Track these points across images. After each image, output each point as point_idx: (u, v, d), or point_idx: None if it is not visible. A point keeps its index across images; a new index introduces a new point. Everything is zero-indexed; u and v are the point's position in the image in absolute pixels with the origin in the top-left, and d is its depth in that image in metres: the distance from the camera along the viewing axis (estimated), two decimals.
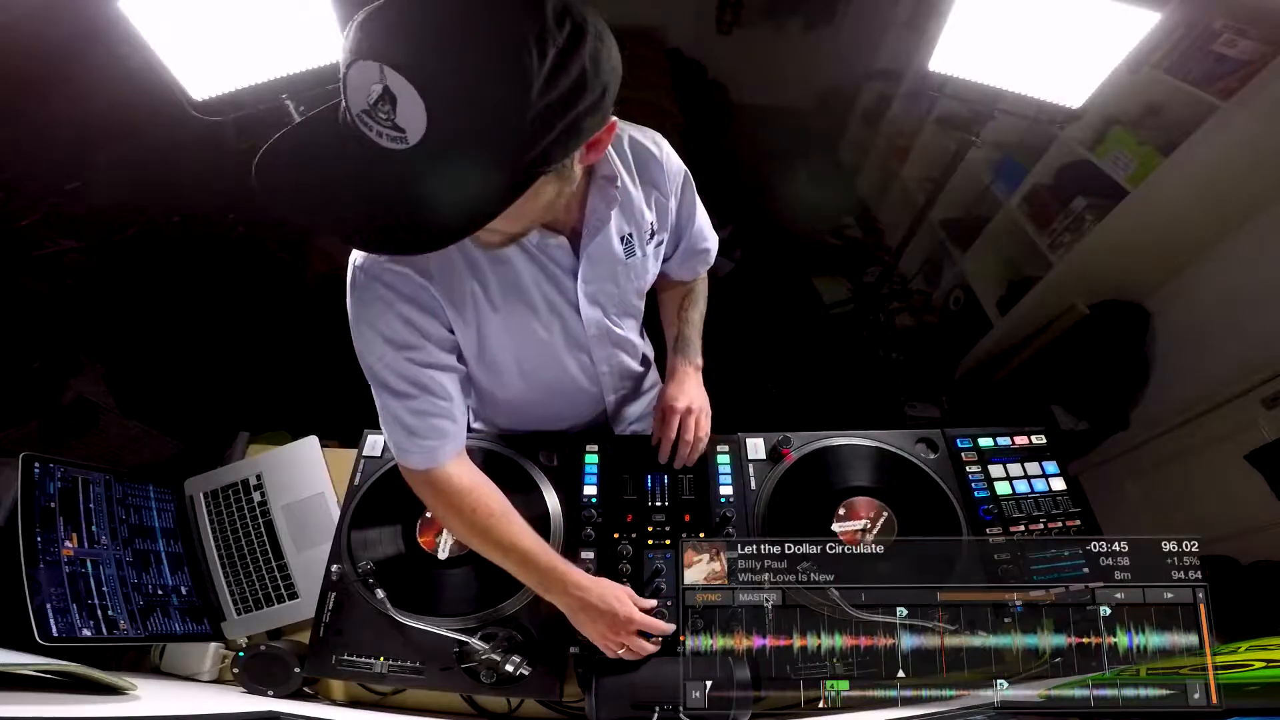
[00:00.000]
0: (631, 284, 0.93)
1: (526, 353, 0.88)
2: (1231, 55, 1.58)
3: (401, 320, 0.74)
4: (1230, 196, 1.67)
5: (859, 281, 2.95)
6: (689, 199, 0.94)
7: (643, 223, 0.87)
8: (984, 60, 1.62)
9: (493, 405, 1.03)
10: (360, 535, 0.95)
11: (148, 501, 1.03)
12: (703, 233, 1.01)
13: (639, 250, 0.88)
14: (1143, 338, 1.92)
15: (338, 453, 1.13)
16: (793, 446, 1.02)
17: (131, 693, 0.78)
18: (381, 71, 0.47)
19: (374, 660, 0.86)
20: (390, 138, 0.49)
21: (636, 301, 0.99)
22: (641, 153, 0.85)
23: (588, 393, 1.02)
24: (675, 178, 0.89)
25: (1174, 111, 1.75)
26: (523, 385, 0.93)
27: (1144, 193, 1.77)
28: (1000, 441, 1.03)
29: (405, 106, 0.48)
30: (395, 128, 0.49)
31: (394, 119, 0.48)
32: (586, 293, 0.85)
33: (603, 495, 0.98)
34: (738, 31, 3.34)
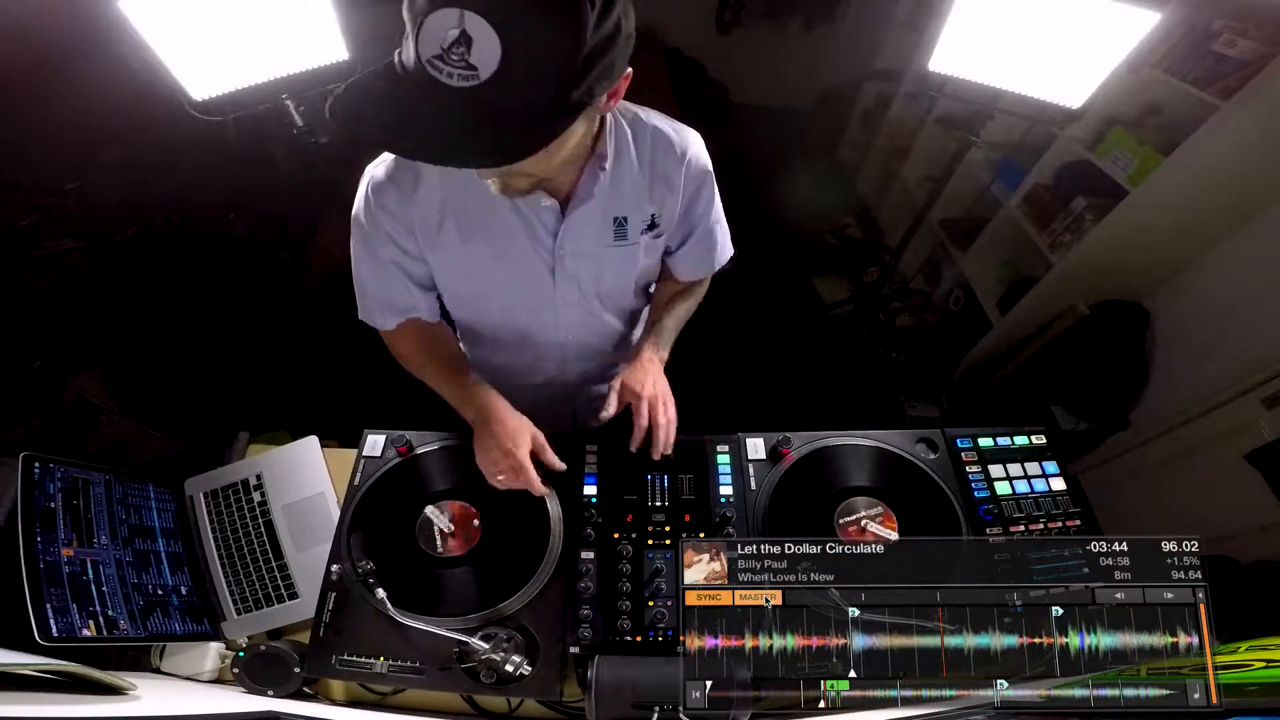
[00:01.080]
0: (618, 268, 0.95)
1: (486, 289, 0.97)
2: (1231, 55, 1.58)
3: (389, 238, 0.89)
4: (1230, 196, 1.67)
5: (859, 281, 2.95)
6: (703, 199, 0.94)
7: (640, 210, 0.89)
8: (984, 60, 1.62)
9: (470, 338, 1.12)
10: (360, 535, 0.95)
11: (148, 501, 1.03)
12: (712, 236, 1.01)
13: (631, 236, 0.90)
14: (1143, 338, 1.92)
15: (338, 453, 1.13)
16: (793, 446, 1.02)
17: (131, 693, 0.78)
18: (461, 16, 0.53)
19: (374, 660, 0.86)
20: (461, 76, 0.56)
21: (623, 288, 1.01)
22: (661, 143, 0.87)
23: (550, 352, 1.08)
24: (694, 176, 0.90)
25: (1174, 111, 1.75)
26: (484, 319, 1.04)
27: (1144, 193, 1.77)
28: (1000, 441, 1.03)
29: (481, 46, 0.54)
30: (468, 66, 0.55)
31: (467, 59, 0.55)
32: (564, 261, 0.90)
33: (603, 495, 0.98)
34: (737, 31, 3.34)
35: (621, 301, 1.05)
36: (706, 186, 0.93)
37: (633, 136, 0.86)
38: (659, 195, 0.89)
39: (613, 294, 1.02)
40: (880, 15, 3.08)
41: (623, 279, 1.00)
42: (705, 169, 0.91)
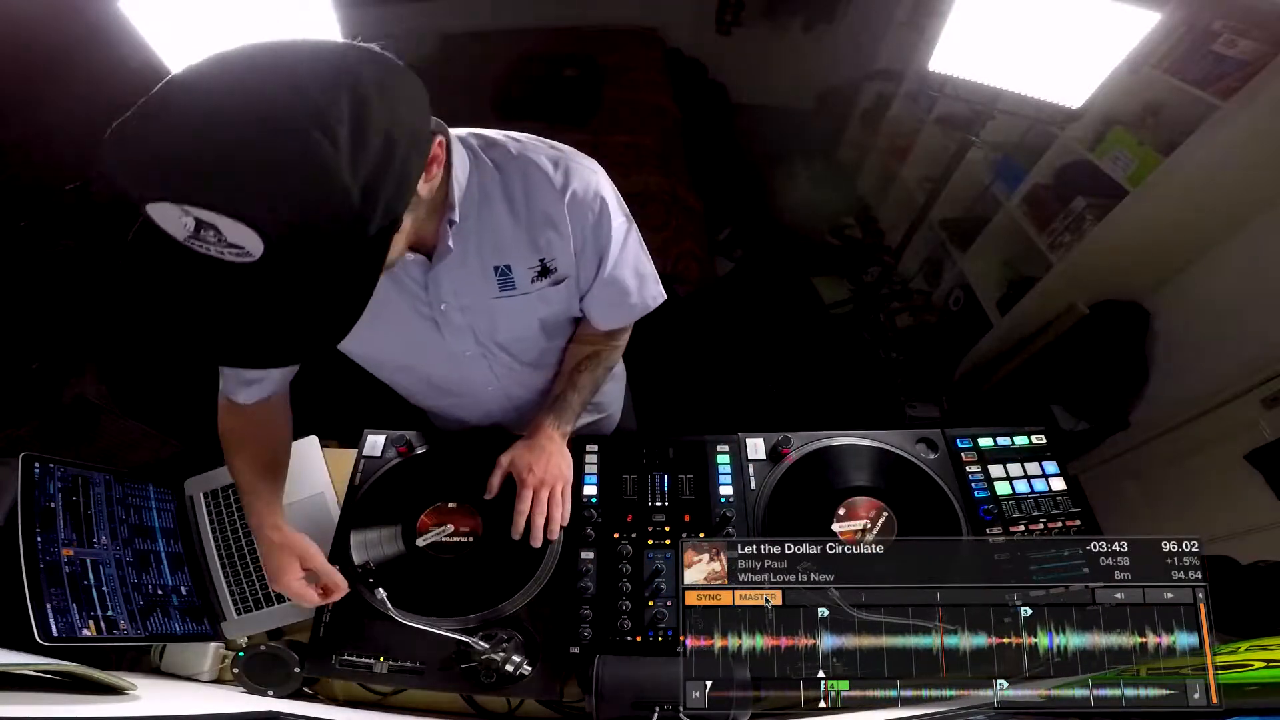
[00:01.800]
0: (512, 319, 0.87)
1: (376, 350, 0.92)
2: (1231, 55, 1.58)
3: None
4: (1230, 196, 1.67)
5: (859, 281, 2.95)
6: (600, 238, 0.82)
7: (525, 258, 0.80)
8: (984, 60, 1.62)
9: (404, 392, 1.06)
10: (360, 535, 0.95)
11: (148, 501, 1.03)
12: (620, 282, 0.87)
13: (520, 286, 0.82)
14: (1143, 338, 1.92)
15: (338, 453, 1.13)
16: (793, 446, 1.02)
17: (131, 693, 0.78)
18: (183, 210, 0.44)
19: (374, 660, 0.86)
20: (233, 254, 0.47)
21: (526, 337, 0.92)
22: (536, 181, 0.76)
23: (482, 403, 1.04)
24: (580, 212, 0.78)
25: (1174, 111, 1.75)
26: (392, 377, 1.00)
27: (1144, 193, 1.77)
28: (1000, 441, 1.03)
29: (229, 230, 0.45)
30: (232, 246, 0.46)
31: (226, 239, 0.46)
32: (449, 315, 0.83)
33: (603, 495, 0.98)
34: (738, 31, 3.35)
35: (533, 348, 0.95)
36: (604, 224, 0.80)
37: (500, 178, 0.76)
38: (544, 239, 0.79)
39: (517, 342, 0.92)
40: (880, 15, 3.08)
41: (522, 329, 0.90)
42: (592, 205, 0.78)
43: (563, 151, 0.79)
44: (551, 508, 0.90)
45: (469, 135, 0.78)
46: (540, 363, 1.00)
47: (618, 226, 0.83)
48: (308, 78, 0.47)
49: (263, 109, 0.46)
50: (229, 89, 0.46)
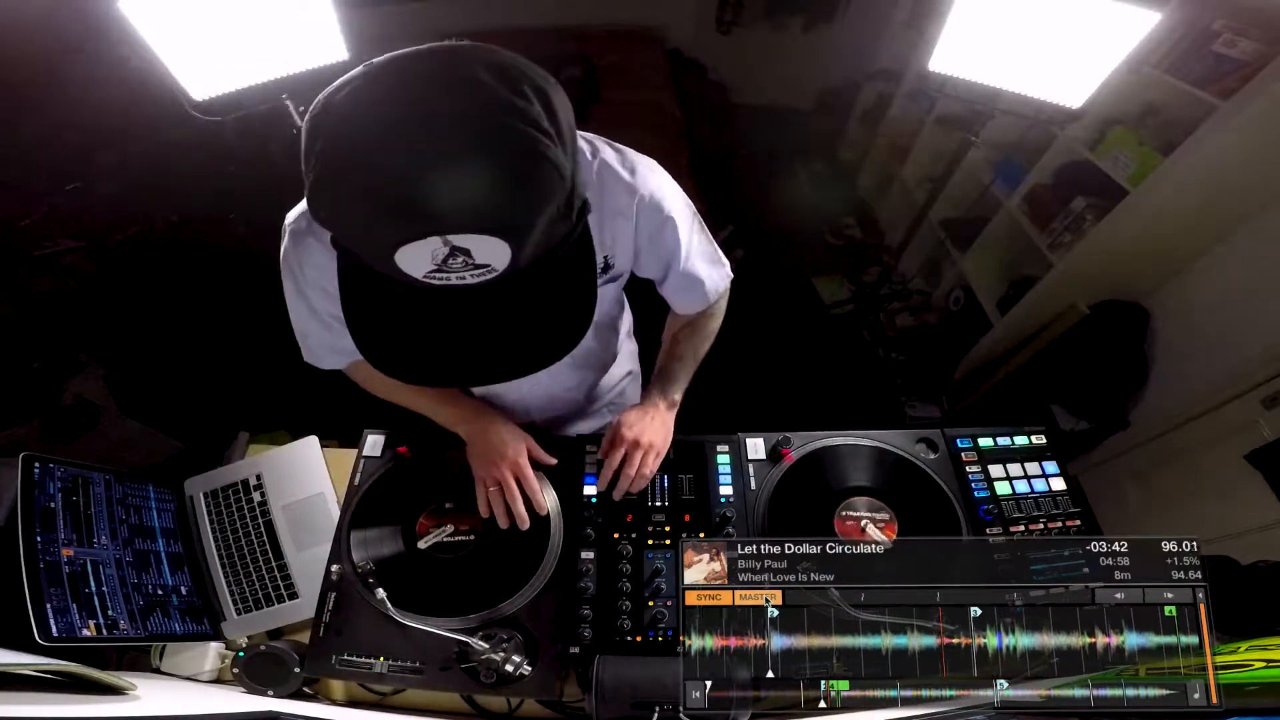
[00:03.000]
0: None
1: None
2: (1231, 55, 1.58)
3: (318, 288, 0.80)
4: (1230, 196, 1.67)
5: (859, 281, 2.95)
6: (668, 238, 0.84)
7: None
8: (984, 60, 1.62)
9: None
10: (360, 535, 0.95)
11: (148, 501, 1.03)
12: (694, 273, 0.91)
13: None
14: (1142, 338, 1.92)
15: (338, 453, 1.13)
16: (793, 446, 1.02)
17: (131, 693, 0.78)
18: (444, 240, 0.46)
19: (374, 660, 0.86)
20: (475, 274, 0.49)
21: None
22: (609, 181, 0.77)
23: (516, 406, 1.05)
24: (649, 214, 0.80)
25: (1174, 111, 1.75)
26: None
27: (1144, 193, 1.77)
28: (1000, 441, 1.03)
29: (479, 250, 0.48)
30: (479, 266, 0.49)
31: (473, 260, 0.48)
32: None
33: (603, 495, 0.98)
34: (738, 31, 3.34)
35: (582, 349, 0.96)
36: (670, 224, 0.82)
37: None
38: (609, 236, 0.80)
39: None
40: (880, 15, 3.08)
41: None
42: (661, 206, 0.80)
43: (626, 152, 0.80)
44: (642, 467, 0.95)
45: None
46: (585, 363, 1.05)
47: (684, 224, 0.84)
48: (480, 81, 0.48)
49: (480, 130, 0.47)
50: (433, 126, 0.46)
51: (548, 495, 0.97)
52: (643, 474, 0.95)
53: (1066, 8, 1.43)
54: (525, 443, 0.95)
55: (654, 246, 0.84)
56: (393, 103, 0.47)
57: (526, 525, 0.92)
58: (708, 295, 0.95)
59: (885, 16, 3.05)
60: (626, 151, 0.80)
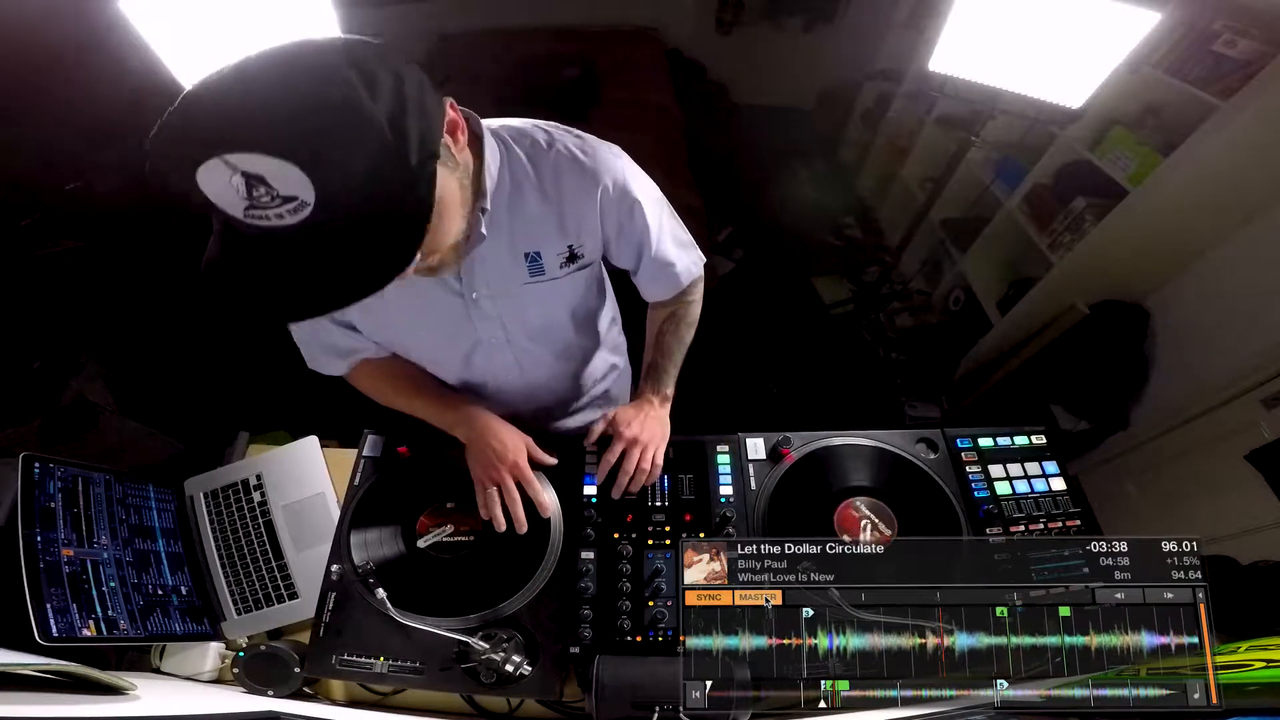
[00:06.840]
0: (541, 306, 0.90)
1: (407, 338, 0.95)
2: (1231, 55, 1.58)
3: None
4: (1230, 196, 1.67)
5: (859, 281, 2.95)
6: (637, 225, 0.86)
7: (555, 244, 0.83)
8: (984, 60, 1.62)
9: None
10: (360, 535, 0.95)
11: (148, 501, 1.03)
12: (664, 259, 0.93)
13: (549, 271, 0.85)
14: (1143, 338, 1.92)
15: (338, 453, 1.13)
16: (793, 446, 1.02)
17: (131, 693, 0.78)
18: (228, 165, 0.45)
19: (374, 660, 0.86)
20: (290, 210, 0.48)
21: (554, 324, 0.96)
22: (568, 170, 0.79)
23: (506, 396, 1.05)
24: (614, 202, 0.82)
25: (1174, 111, 1.75)
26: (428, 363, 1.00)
27: (1144, 193, 1.77)
28: (1000, 441, 1.03)
29: (277, 179, 0.46)
30: (287, 199, 0.47)
31: (277, 192, 0.47)
32: (480, 303, 0.86)
33: (602, 495, 0.98)
34: (738, 31, 3.34)
35: (559, 337, 1.00)
36: (638, 211, 0.84)
37: (532, 166, 0.79)
38: (573, 225, 0.82)
39: (545, 331, 0.96)
40: (880, 15, 3.08)
41: (550, 316, 0.94)
42: (627, 192, 0.82)
43: (586, 139, 0.82)
44: (642, 462, 0.95)
45: (500, 126, 0.81)
46: (566, 354, 1.05)
47: (651, 209, 0.86)
48: (313, 47, 0.52)
49: (283, 68, 0.49)
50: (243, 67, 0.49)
51: (548, 496, 0.97)
52: (643, 469, 0.96)
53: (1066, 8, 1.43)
54: (525, 443, 0.95)
55: (624, 232, 0.87)
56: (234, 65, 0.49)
57: (525, 529, 0.92)
58: (680, 279, 0.97)
59: (885, 16, 3.05)
60: (587, 138, 0.83)
